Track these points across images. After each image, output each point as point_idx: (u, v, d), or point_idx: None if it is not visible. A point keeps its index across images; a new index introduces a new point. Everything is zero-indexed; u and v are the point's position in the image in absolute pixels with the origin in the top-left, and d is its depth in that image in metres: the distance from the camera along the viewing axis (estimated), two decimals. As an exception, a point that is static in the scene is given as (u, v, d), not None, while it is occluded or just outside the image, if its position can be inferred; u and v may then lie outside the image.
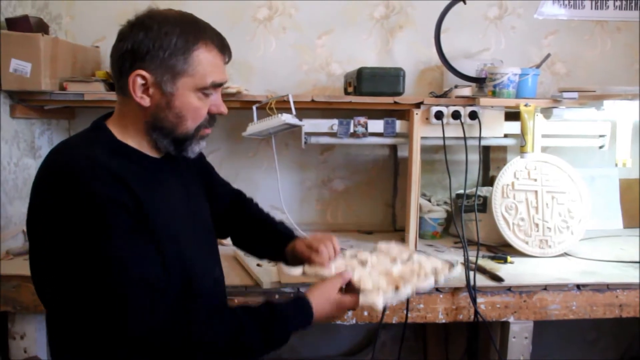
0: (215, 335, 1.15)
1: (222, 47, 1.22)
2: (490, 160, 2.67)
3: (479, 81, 2.36)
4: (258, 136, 2.30)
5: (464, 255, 2.00)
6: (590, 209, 2.33)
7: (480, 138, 2.20)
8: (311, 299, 1.29)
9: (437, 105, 2.24)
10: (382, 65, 2.46)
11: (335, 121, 2.28)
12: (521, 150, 2.21)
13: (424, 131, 2.26)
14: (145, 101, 1.18)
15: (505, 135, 2.36)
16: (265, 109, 2.22)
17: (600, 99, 2.15)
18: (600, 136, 2.46)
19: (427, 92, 2.59)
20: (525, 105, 2.18)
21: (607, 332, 2.87)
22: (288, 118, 2.16)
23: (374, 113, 2.35)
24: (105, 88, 2.30)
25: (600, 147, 2.48)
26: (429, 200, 2.54)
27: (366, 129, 2.27)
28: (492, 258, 2.17)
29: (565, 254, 2.26)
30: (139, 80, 1.16)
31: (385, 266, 1.49)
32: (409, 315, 1.91)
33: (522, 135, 2.20)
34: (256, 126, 2.21)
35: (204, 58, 1.18)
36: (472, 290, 1.88)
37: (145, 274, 1.11)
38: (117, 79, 1.21)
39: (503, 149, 2.66)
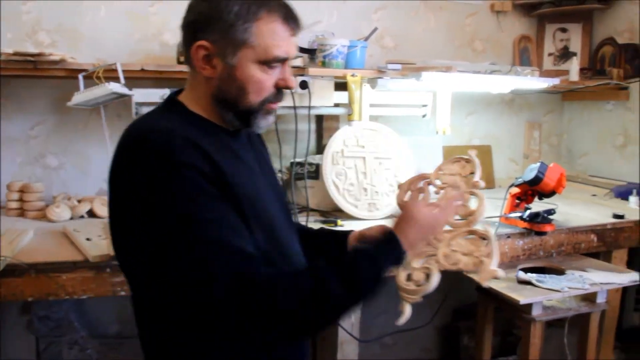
0: (296, 296, 1.07)
1: (288, 18, 1.14)
2: (324, 129, 2.76)
3: (310, 52, 2.43)
4: (85, 106, 2.21)
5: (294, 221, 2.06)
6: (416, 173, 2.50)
7: (310, 107, 2.27)
8: (395, 228, 1.23)
9: (269, 75, 2.27)
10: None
11: (167, 91, 2.24)
12: (349, 118, 2.32)
13: (257, 100, 2.28)
14: (208, 72, 1.14)
15: (337, 105, 2.45)
16: (93, 77, 2.13)
17: (419, 71, 2.30)
18: (423, 106, 2.64)
19: (263, 62, 2.61)
20: (352, 75, 2.28)
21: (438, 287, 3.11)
22: (116, 87, 2.09)
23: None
24: None
25: (423, 116, 2.66)
26: (265, 169, 2.58)
27: (199, 98, 2.25)
28: (324, 222, 2.27)
29: (392, 216, 2.41)
30: (201, 51, 1.13)
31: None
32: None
33: (349, 104, 2.30)
34: (82, 95, 2.12)
35: (266, 29, 1.11)
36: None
37: (225, 236, 1.06)
38: (185, 51, 1.17)
39: (336, 118, 2.76)
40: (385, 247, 1.19)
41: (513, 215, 2.26)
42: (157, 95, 2.24)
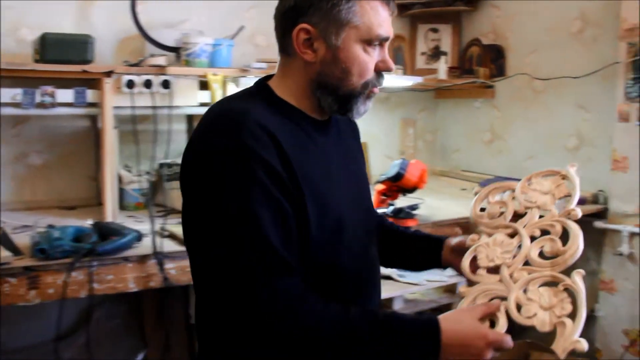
0: (322, 331, 1.02)
1: None
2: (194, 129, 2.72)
3: (175, 50, 2.38)
4: None
5: (151, 223, 2.02)
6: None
7: (170, 107, 2.23)
8: (442, 323, 1.04)
9: (129, 74, 2.22)
10: (81, 32, 2.35)
11: (19, 90, 2.13)
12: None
13: (117, 100, 2.22)
14: (310, 56, 1.12)
15: (203, 104, 2.42)
16: None
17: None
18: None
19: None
20: (214, 74, 2.26)
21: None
22: (-44, 87, 1.97)
23: (69, 82, 2.25)
24: None
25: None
26: (130, 172, 2.51)
27: (54, 98, 2.16)
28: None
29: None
30: (303, 35, 1.11)
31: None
32: (99, 287, 1.87)
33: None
34: None
35: (369, 8, 1.11)
36: (160, 256, 1.91)
37: (272, 237, 1.02)
38: (280, 38, 1.16)
39: (208, 118, 2.72)
40: (422, 341, 1.05)
41: (378, 211, 2.31)
42: (7, 95, 2.13)
